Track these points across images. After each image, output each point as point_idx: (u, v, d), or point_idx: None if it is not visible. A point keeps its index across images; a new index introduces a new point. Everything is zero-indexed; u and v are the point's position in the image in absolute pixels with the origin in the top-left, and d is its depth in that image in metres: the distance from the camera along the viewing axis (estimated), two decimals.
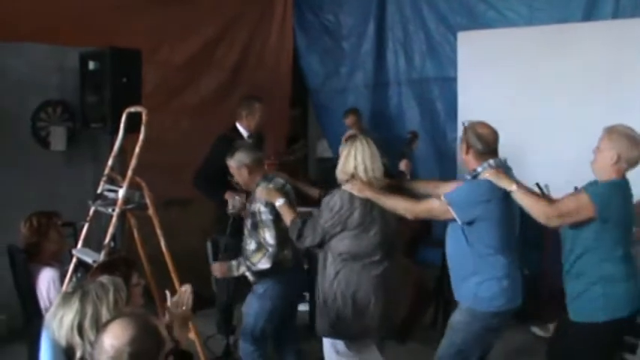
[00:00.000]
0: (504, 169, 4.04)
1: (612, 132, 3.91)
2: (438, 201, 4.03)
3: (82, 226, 4.69)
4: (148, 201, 4.41)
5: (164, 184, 5.82)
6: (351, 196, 4.12)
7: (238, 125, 6.31)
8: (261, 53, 8.53)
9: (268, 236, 4.46)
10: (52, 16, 6.06)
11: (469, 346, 4.14)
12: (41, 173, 6.12)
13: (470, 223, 3.96)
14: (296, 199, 4.71)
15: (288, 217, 4.33)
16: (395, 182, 4.47)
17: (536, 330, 6.05)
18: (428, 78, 7.97)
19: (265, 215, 4.47)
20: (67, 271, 4.43)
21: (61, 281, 4.37)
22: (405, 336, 5.85)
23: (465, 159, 4.12)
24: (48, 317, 2.78)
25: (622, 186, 3.87)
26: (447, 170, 7.52)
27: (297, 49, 8.95)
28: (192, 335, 4.15)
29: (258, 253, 4.47)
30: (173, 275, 4.41)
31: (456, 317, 4.19)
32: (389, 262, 4.29)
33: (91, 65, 6.07)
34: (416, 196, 4.32)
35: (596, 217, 3.76)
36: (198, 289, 3.45)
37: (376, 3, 8.31)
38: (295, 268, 4.73)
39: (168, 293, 3.42)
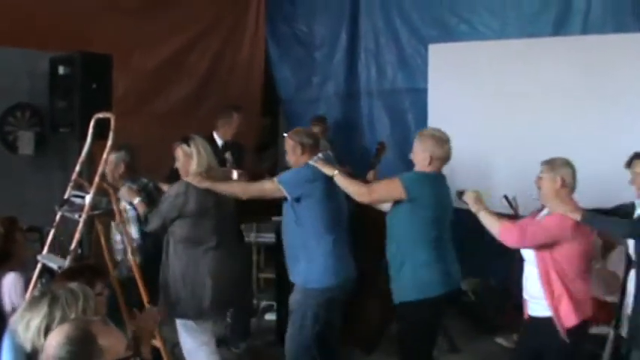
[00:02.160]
0: (330, 161, 4.69)
1: (421, 136, 4.49)
2: (270, 182, 4.67)
3: (48, 232, 4.65)
4: (114, 207, 4.38)
5: None
6: (188, 186, 4.61)
7: (215, 134, 6.34)
8: (232, 62, 8.52)
9: (133, 232, 4.98)
10: (22, 21, 6.02)
11: (309, 322, 4.62)
12: (8, 178, 6.06)
13: (298, 200, 4.56)
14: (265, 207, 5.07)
15: (141, 211, 4.84)
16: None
17: (501, 341, 6.08)
18: (399, 89, 7.99)
19: (130, 212, 4.96)
20: (31, 277, 4.38)
21: (25, 287, 4.33)
22: (372, 347, 5.86)
23: (301, 159, 4.69)
24: (13, 320, 2.75)
25: (434, 177, 4.41)
26: None
27: (269, 59, 8.94)
28: (157, 343, 4.13)
29: None
30: (139, 282, 4.39)
31: (292, 297, 4.74)
32: (224, 248, 4.75)
33: (61, 70, 6.03)
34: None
35: (405, 197, 4.30)
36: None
37: (349, 14, 8.32)
38: None
39: (137, 312, 3.42)
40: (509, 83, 6.85)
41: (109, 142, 4.32)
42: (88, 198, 4.33)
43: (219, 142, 6.45)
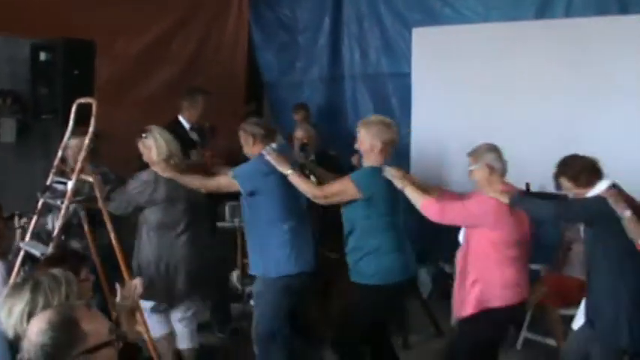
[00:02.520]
0: (285, 152, 4.76)
1: (366, 123, 4.59)
2: (225, 176, 4.75)
3: (31, 219, 4.62)
4: (97, 193, 4.36)
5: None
6: (157, 175, 4.77)
7: (180, 117, 6.32)
8: (216, 47, 8.48)
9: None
10: (3, 6, 5.95)
11: (272, 310, 4.75)
12: None
13: (252, 194, 4.67)
14: None
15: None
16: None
17: None
18: (383, 73, 8.00)
19: None
20: (14, 264, 4.37)
21: (8, 274, 4.32)
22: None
23: (253, 150, 4.81)
24: None
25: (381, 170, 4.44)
26: (399, 165, 7.49)
27: (252, 44, 8.92)
28: (141, 328, 4.12)
29: None
30: (123, 268, 4.38)
31: (254, 288, 4.93)
32: (195, 233, 4.92)
33: (43, 56, 5.99)
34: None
35: (360, 196, 4.39)
36: None
37: None
38: None
39: (118, 287, 3.40)
40: (492, 66, 6.87)
41: (91, 128, 4.29)
42: (70, 184, 4.30)
43: (187, 125, 6.45)
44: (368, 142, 4.49)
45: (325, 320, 5.74)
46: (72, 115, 4.51)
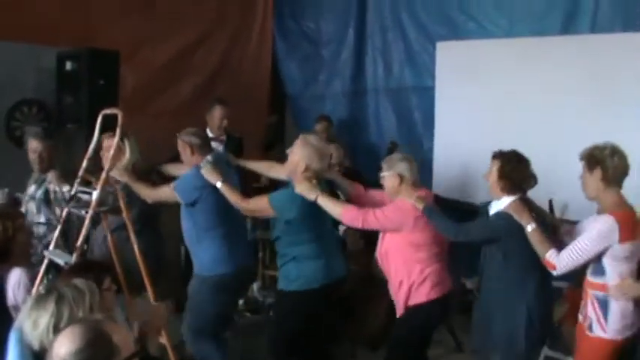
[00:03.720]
0: (220, 162, 4.95)
1: (300, 141, 4.63)
2: (168, 187, 4.87)
3: (55, 228, 4.64)
4: (121, 203, 4.38)
5: None
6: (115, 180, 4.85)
7: (208, 128, 6.39)
8: (240, 58, 8.51)
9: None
10: (29, 15, 6.02)
11: (207, 308, 4.91)
12: (15, 173, 6.05)
13: (192, 204, 4.85)
14: None
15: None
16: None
17: None
18: (406, 87, 7.96)
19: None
20: (38, 273, 4.38)
21: (32, 282, 4.33)
22: (379, 344, 5.86)
23: (192, 160, 4.94)
24: (20, 318, 2.74)
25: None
26: (423, 179, 7.51)
27: (276, 55, 8.93)
28: (163, 340, 4.13)
29: None
30: (145, 279, 4.39)
31: (190, 287, 5.03)
32: (148, 231, 5.18)
33: (68, 66, 6.05)
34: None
35: (277, 216, 4.61)
36: (169, 293, 3.45)
37: (356, 11, 8.30)
38: None
39: (143, 302, 3.41)
40: (516, 82, 6.82)
41: (116, 139, 4.31)
42: (95, 194, 4.32)
43: (210, 135, 6.51)
44: (298, 162, 4.58)
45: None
46: (97, 126, 4.52)
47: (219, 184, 4.69)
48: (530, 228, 4.00)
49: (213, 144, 6.41)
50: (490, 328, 4.30)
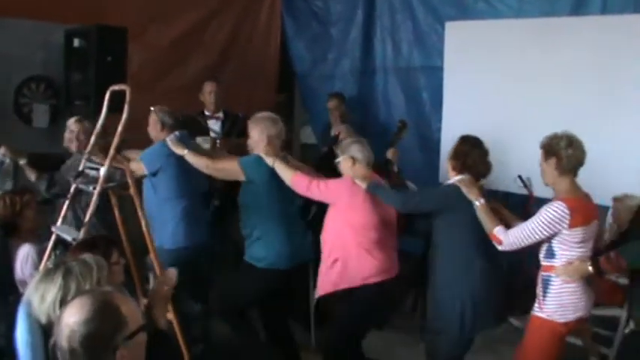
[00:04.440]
0: (183, 140, 5.15)
1: (254, 119, 4.94)
2: (135, 162, 5.12)
3: (62, 204, 4.66)
4: (129, 180, 4.38)
5: None
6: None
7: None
8: (249, 37, 8.49)
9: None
10: None
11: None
12: (23, 150, 6.07)
13: (155, 174, 5.15)
14: None
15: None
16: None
17: (513, 321, 6.06)
18: (415, 67, 7.92)
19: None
20: (46, 248, 4.40)
21: (40, 258, 4.36)
22: (384, 323, 5.87)
23: (160, 135, 5.23)
24: (28, 292, 2.76)
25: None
26: (430, 159, 7.53)
27: (285, 34, 8.91)
28: (170, 316, 4.13)
29: None
30: (152, 256, 4.40)
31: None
32: None
33: (76, 42, 6.05)
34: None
35: (244, 178, 4.79)
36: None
37: None
38: None
39: (152, 274, 3.41)
40: (526, 63, 6.78)
41: (124, 115, 4.30)
42: (103, 170, 4.32)
43: (207, 112, 6.61)
44: (256, 136, 4.87)
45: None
46: (105, 102, 4.52)
47: (185, 152, 4.95)
48: (478, 203, 4.18)
49: (210, 122, 6.49)
50: (439, 305, 4.45)
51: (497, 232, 4.11)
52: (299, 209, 5.15)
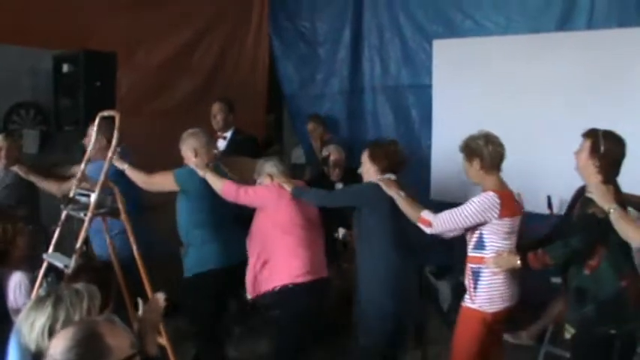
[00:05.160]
0: (124, 155, 5.02)
1: (182, 138, 5.13)
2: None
3: (54, 231, 4.64)
4: (120, 205, 4.37)
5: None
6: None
7: None
8: (237, 58, 8.52)
9: None
10: (24, 18, 6.01)
11: None
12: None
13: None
14: None
15: None
16: None
17: (508, 337, 6.05)
18: (403, 85, 7.95)
19: None
20: (37, 276, 4.38)
21: (32, 285, 4.33)
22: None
23: (102, 154, 4.92)
24: (19, 320, 2.75)
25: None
26: (420, 177, 7.53)
27: (272, 55, 8.93)
28: (163, 341, 4.12)
29: None
30: (145, 281, 4.38)
31: None
32: None
33: (65, 68, 6.04)
34: None
35: (176, 187, 4.96)
36: (170, 296, 3.43)
37: (352, 10, 8.29)
38: None
39: (140, 301, 3.39)
40: (514, 78, 6.82)
41: (114, 141, 4.30)
42: (94, 196, 4.32)
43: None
44: (184, 152, 5.09)
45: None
46: (95, 128, 4.52)
47: (125, 167, 4.97)
48: (398, 196, 4.37)
49: (218, 142, 6.54)
50: (362, 301, 4.62)
51: (425, 214, 4.27)
52: (235, 215, 5.20)
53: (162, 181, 5.02)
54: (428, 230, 4.27)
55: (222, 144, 6.69)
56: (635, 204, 4.40)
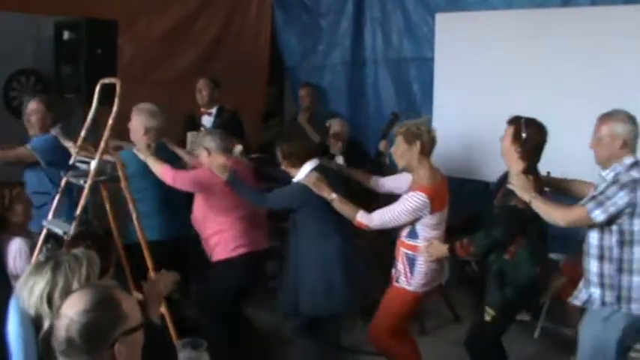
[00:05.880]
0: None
1: (135, 109, 5.21)
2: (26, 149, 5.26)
3: (54, 197, 4.65)
4: (120, 173, 4.38)
5: None
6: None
7: None
8: (239, 29, 8.47)
9: None
10: None
11: None
12: (13, 143, 6.04)
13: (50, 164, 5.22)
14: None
15: None
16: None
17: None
18: (405, 58, 7.94)
19: None
20: (37, 242, 4.39)
21: (31, 252, 4.35)
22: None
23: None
24: (18, 285, 2.76)
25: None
26: None
27: (275, 26, 8.90)
28: (162, 310, 4.14)
29: None
30: (144, 248, 4.40)
31: None
32: None
33: (66, 35, 6.01)
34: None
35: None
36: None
37: None
38: None
39: (151, 274, 3.41)
40: (517, 54, 6.79)
41: (115, 108, 4.29)
42: (94, 164, 4.32)
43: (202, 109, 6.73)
44: (135, 125, 5.21)
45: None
46: (96, 95, 4.51)
47: (70, 144, 4.99)
48: (331, 198, 4.52)
49: (203, 118, 6.54)
50: (298, 293, 4.74)
51: (360, 217, 4.50)
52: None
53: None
54: (367, 229, 4.57)
55: (207, 120, 6.71)
56: (555, 185, 4.55)
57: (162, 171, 4.95)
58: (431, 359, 5.01)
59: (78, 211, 4.27)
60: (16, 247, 4.39)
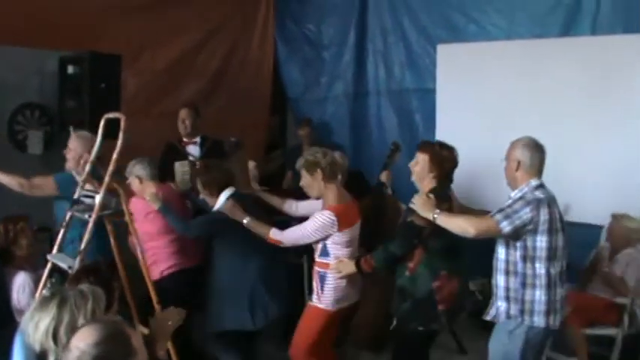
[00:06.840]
0: None
1: (77, 136, 5.23)
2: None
3: (58, 232, 4.66)
4: (124, 207, 4.39)
5: None
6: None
7: None
8: (242, 61, 8.51)
9: None
10: (31, 19, 6.02)
11: None
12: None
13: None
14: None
15: None
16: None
17: None
18: (407, 89, 7.97)
19: None
20: (41, 276, 4.40)
21: (36, 286, 4.35)
22: (380, 346, 5.87)
23: None
24: (24, 320, 2.76)
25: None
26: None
27: (277, 58, 8.94)
28: (169, 345, 4.14)
29: None
30: (148, 281, 4.41)
31: None
32: None
33: (70, 69, 6.06)
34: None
35: (58, 193, 5.07)
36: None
37: (357, 14, 8.31)
38: None
39: (158, 308, 3.41)
40: (517, 84, 6.82)
41: (119, 142, 4.32)
42: (98, 198, 4.33)
43: (184, 139, 6.71)
44: (74, 153, 5.16)
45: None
46: (100, 130, 4.53)
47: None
48: (245, 221, 4.71)
49: (188, 147, 6.52)
50: (221, 314, 4.93)
51: (273, 234, 4.69)
52: None
53: (44, 184, 5.10)
54: (281, 245, 4.73)
55: (193, 149, 6.65)
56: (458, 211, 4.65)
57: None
58: None
59: (82, 246, 4.28)
60: (20, 281, 4.40)
